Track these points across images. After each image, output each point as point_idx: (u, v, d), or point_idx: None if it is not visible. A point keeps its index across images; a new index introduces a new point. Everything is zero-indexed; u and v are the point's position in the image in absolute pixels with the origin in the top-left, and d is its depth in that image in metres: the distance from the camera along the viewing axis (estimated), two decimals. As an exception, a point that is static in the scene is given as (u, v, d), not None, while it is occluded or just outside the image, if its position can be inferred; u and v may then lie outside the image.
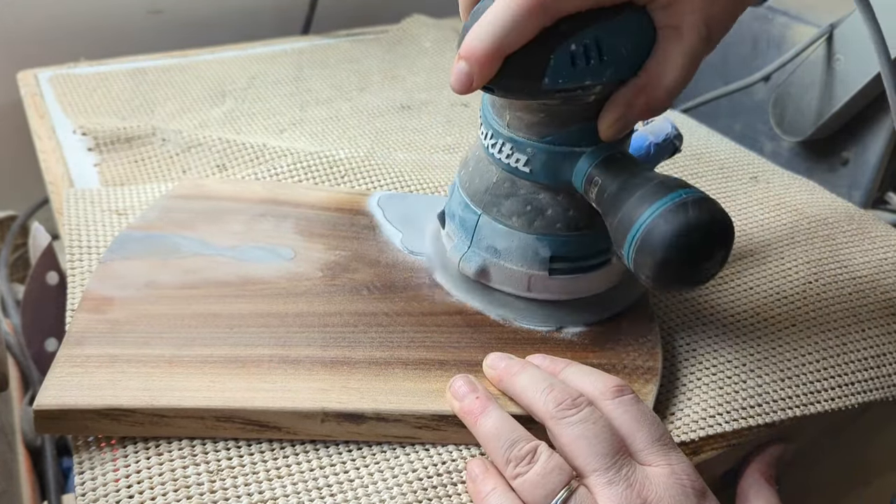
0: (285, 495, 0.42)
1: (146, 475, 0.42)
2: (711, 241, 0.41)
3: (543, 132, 0.47)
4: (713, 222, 0.41)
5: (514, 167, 0.49)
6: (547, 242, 0.50)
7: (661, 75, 0.44)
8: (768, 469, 0.49)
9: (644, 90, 0.44)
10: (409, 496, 0.43)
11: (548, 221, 0.49)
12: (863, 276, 0.60)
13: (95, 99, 0.79)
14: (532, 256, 0.50)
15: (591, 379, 0.45)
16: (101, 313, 0.49)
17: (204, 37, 1.00)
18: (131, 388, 0.44)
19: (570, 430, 0.41)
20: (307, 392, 0.45)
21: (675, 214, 0.41)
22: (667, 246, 0.40)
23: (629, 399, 0.43)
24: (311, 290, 0.52)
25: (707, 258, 0.42)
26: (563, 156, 0.47)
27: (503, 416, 0.44)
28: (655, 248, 0.41)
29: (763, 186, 0.70)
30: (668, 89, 0.44)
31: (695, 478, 0.41)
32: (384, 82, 0.87)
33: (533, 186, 0.49)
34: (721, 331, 0.54)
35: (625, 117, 0.45)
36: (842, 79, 0.78)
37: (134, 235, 0.55)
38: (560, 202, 0.49)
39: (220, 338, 0.48)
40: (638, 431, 0.42)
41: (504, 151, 0.49)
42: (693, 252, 0.41)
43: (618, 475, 0.40)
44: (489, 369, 0.47)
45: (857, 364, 0.53)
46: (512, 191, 0.50)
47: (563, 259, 0.50)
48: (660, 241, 0.41)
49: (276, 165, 0.66)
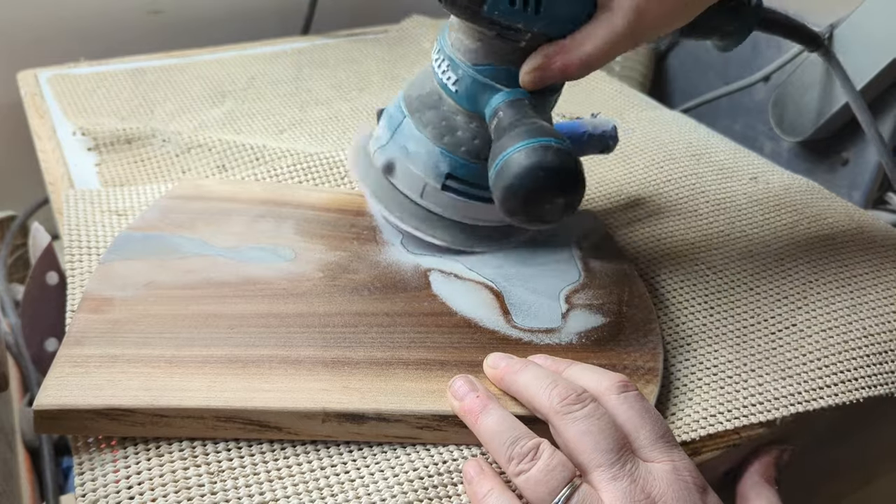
0: (286, 497, 0.42)
1: (146, 476, 0.42)
2: (553, 184, 0.45)
3: (476, 60, 0.51)
4: (561, 169, 0.45)
5: (445, 83, 0.53)
6: (448, 159, 0.54)
7: (581, 45, 0.48)
8: (768, 470, 0.49)
9: (563, 52, 0.48)
10: (409, 496, 0.43)
11: (455, 141, 0.53)
12: (864, 274, 0.60)
13: (95, 99, 0.79)
14: (433, 167, 0.54)
15: (594, 376, 0.45)
16: (101, 313, 0.49)
17: (204, 37, 1.00)
18: (131, 388, 0.44)
19: (575, 426, 0.41)
20: (308, 392, 0.45)
21: (534, 151, 0.45)
22: (515, 175, 0.45)
23: (633, 395, 0.44)
24: (311, 291, 0.52)
25: (547, 200, 0.46)
26: (486, 87, 0.51)
27: (504, 414, 0.44)
28: (507, 175, 0.45)
29: (763, 187, 0.70)
30: (583, 59, 0.48)
31: (696, 475, 0.42)
32: (384, 83, 0.87)
33: (454, 106, 0.53)
34: (721, 330, 0.54)
35: (541, 69, 0.49)
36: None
37: (134, 236, 0.55)
38: (471, 129, 0.53)
39: (220, 338, 0.48)
40: (641, 428, 0.42)
41: (441, 67, 0.53)
42: (535, 187, 0.45)
43: (622, 471, 0.40)
44: (490, 368, 0.48)
45: (859, 360, 0.53)
46: (436, 104, 0.54)
47: (457, 179, 0.54)
48: (513, 170, 0.45)
49: (276, 166, 0.66)
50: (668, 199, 0.67)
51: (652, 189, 0.69)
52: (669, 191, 0.68)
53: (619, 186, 0.69)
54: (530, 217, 0.47)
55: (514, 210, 0.46)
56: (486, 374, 0.48)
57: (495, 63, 0.50)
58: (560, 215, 0.47)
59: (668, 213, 0.66)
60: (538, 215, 0.47)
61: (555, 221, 0.47)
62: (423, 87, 0.55)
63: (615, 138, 0.60)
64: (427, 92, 0.54)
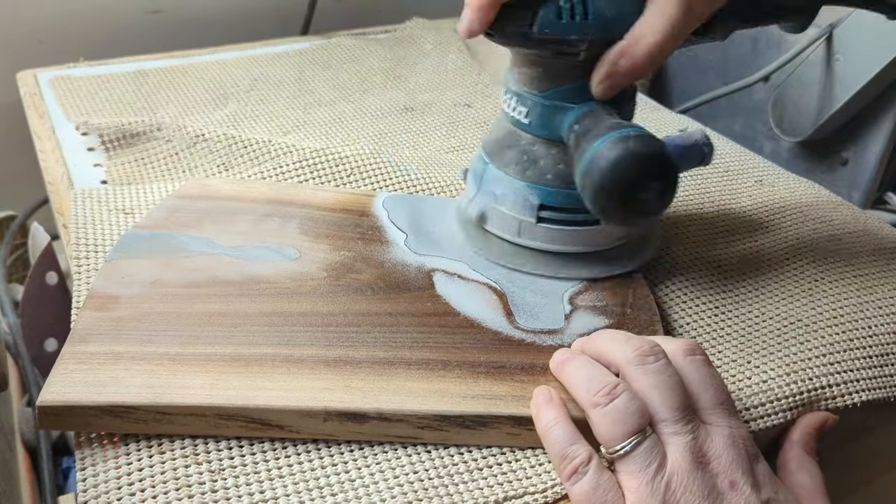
0: (286, 495, 0.42)
1: (147, 473, 0.42)
2: (644, 169, 0.44)
3: (542, 87, 0.51)
4: (648, 154, 0.44)
5: (517, 119, 0.53)
6: (537, 191, 0.53)
7: (640, 38, 0.47)
8: (809, 441, 0.50)
9: (626, 52, 0.48)
10: (409, 496, 0.43)
11: (539, 171, 0.53)
12: (870, 274, 0.60)
13: (97, 101, 0.79)
14: (523, 203, 0.54)
15: (667, 340, 0.46)
16: (106, 311, 0.49)
17: (203, 37, 1.00)
18: (135, 386, 0.44)
19: (647, 378, 0.43)
20: (310, 391, 0.45)
21: (616, 144, 0.44)
22: (602, 171, 0.44)
23: (700, 359, 0.45)
24: (315, 290, 0.52)
25: (642, 188, 0.45)
26: (557, 109, 0.51)
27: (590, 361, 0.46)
28: (594, 173, 0.44)
29: (767, 189, 0.70)
30: (647, 52, 0.47)
31: (750, 443, 0.43)
32: (387, 83, 0.87)
33: (531, 138, 0.53)
34: (725, 330, 0.54)
35: (611, 76, 0.49)
36: (841, 79, 0.78)
37: (140, 234, 0.55)
38: (553, 155, 0.53)
39: (223, 336, 0.48)
40: (704, 392, 0.44)
41: (510, 104, 0.53)
42: (626, 178, 0.44)
43: (685, 427, 0.42)
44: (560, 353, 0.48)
45: (863, 361, 0.53)
46: (514, 142, 0.54)
47: (551, 209, 0.53)
48: (598, 167, 0.44)
49: (281, 163, 0.66)
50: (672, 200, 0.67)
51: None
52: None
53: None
54: (630, 213, 0.46)
55: (611, 210, 0.46)
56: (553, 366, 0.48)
57: (561, 83, 0.50)
58: (660, 203, 0.46)
59: (672, 215, 0.66)
60: (638, 209, 0.45)
61: (657, 212, 0.47)
62: (499, 131, 0.55)
63: (710, 146, 0.58)
64: (504, 134, 0.54)
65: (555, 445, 0.43)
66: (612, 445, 0.41)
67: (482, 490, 0.44)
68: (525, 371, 0.48)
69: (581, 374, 0.45)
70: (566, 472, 0.42)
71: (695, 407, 0.43)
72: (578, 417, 0.44)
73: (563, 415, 0.44)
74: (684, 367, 0.44)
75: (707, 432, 0.42)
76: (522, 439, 0.46)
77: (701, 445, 0.41)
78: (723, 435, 0.42)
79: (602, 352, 0.46)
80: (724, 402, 0.44)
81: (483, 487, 0.44)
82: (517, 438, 0.46)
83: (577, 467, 0.42)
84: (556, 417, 0.44)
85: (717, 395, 0.44)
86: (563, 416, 0.44)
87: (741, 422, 0.44)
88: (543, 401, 0.45)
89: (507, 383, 0.47)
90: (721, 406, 0.43)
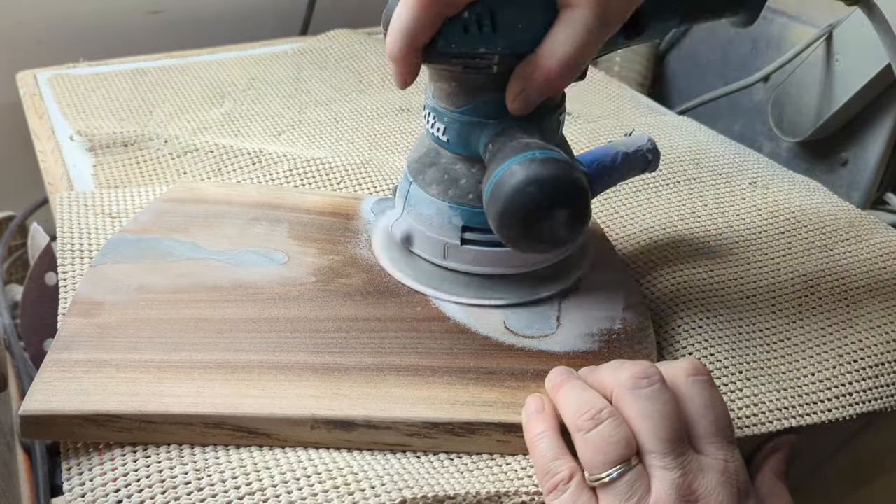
0: (273, 485, 0.42)
1: (133, 478, 0.42)
2: (548, 195, 0.41)
3: (458, 102, 0.49)
4: (551, 178, 0.41)
5: (437, 136, 0.50)
6: (459, 212, 0.51)
7: (554, 49, 0.44)
8: (780, 466, 0.49)
9: (539, 65, 0.44)
10: (399, 483, 0.43)
11: (461, 191, 0.50)
12: (861, 287, 0.59)
13: (94, 100, 0.79)
14: (447, 224, 0.51)
15: (669, 363, 0.45)
16: (91, 317, 0.48)
17: (203, 37, 1.00)
18: (119, 394, 0.44)
19: (638, 404, 0.41)
20: (297, 399, 0.45)
21: (521, 167, 0.41)
22: (504, 196, 0.41)
23: (704, 381, 0.43)
24: (303, 295, 0.52)
25: (547, 216, 0.42)
26: (474, 125, 0.48)
27: (584, 386, 0.45)
28: (497, 197, 0.42)
29: (762, 192, 0.69)
30: (561, 63, 0.44)
31: (744, 479, 0.41)
32: (383, 83, 0.86)
33: (451, 157, 0.51)
34: (717, 338, 0.54)
35: (525, 91, 0.45)
36: (841, 79, 0.78)
37: (126, 239, 0.55)
38: (474, 174, 0.50)
39: (209, 343, 0.48)
40: (704, 416, 0.42)
41: (429, 121, 0.51)
42: (529, 205, 0.41)
43: (674, 462, 0.40)
44: (556, 374, 0.47)
45: (854, 374, 0.52)
46: (435, 160, 0.52)
47: (475, 230, 0.51)
48: (502, 192, 0.42)
49: (272, 171, 0.66)
50: (665, 203, 0.67)
51: (649, 194, 0.68)
52: (667, 195, 0.68)
53: (615, 191, 0.68)
54: (535, 240, 0.43)
55: (514, 238, 0.43)
56: (547, 383, 0.47)
57: (476, 98, 0.48)
58: (570, 231, 0.43)
59: (665, 219, 0.65)
60: (543, 237, 0.43)
61: (568, 240, 0.43)
62: (420, 149, 0.53)
63: (654, 151, 0.55)
64: (424, 151, 0.52)
65: (539, 459, 0.43)
66: (595, 473, 0.40)
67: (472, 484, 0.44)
68: (515, 377, 0.48)
69: (571, 397, 0.44)
70: (547, 486, 0.42)
71: (691, 433, 0.42)
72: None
73: (551, 427, 0.43)
74: (685, 388, 0.43)
75: (700, 466, 0.40)
76: (512, 446, 0.46)
77: (690, 483, 0.40)
78: (717, 470, 0.40)
79: (599, 376, 0.45)
80: (724, 430, 0.42)
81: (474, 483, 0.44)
82: (507, 445, 0.46)
83: (556, 484, 0.41)
84: (545, 430, 0.43)
85: (717, 423, 0.42)
86: (552, 428, 0.43)
87: (738, 454, 0.42)
88: (534, 410, 0.45)
89: (497, 389, 0.47)
90: (719, 435, 0.42)
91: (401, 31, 0.44)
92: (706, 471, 0.40)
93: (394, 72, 0.46)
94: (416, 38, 0.44)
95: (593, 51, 0.45)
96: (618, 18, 0.45)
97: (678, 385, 0.43)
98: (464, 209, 0.51)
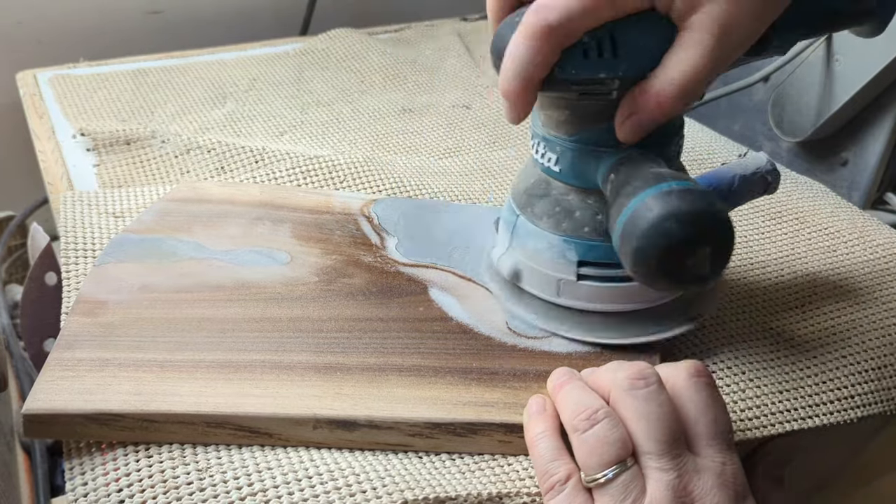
0: (275, 486, 0.42)
1: (135, 477, 0.42)
2: (690, 232, 0.38)
3: (571, 130, 0.46)
4: (694, 213, 0.38)
5: (547, 167, 0.48)
6: (574, 246, 0.48)
7: (670, 74, 0.42)
8: (774, 471, 0.49)
9: (653, 88, 0.42)
10: (401, 485, 0.43)
11: (576, 224, 0.48)
12: (863, 288, 0.59)
13: (95, 100, 0.79)
14: (560, 259, 0.48)
15: (671, 364, 0.44)
16: (94, 316, 0.49)
17: (203, 37, 1.00)
18: (122, 393, 0.44)
19: (634, 405, 0.41)
20: (299, 398, 0.45)
21: (657, 201, 0.38)
22: (642, 233, 0.38)
23: (704, 382, 0.43)
24: (306, 295, 0.52)
25: (688, 253, 0.39)
26: (589, 155, 0.46)
27: (583, 386, 0.44)
28: (633, 235, 0.39)
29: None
30: (678, 88, 0.42)
31: (741, 482, 0.41)
32: (385, 83, 0.86)
33: (564, 187, 0.48)
34: (719, 338, 0.54)
35: (636, 116, 0.43)
36: (841, 79, 0.77)
37: (130, 238, 0.55)
38: (590, 205, 0.48)
39: (212, 342, 0.48)
40: (703, 417, 0.42)
41: (539, 150, 0.48)
42: (669, 242, 0.38)
43: (670, 463, 0.40)
44: (557, 375, 0.47)
45: (857, 377, 0.52)
46: (545, 191, 0.49)
47: (591, 264, 0.48)
48: (638, 228, 0.38)
49: (275, 169, 0.66)
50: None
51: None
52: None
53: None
54: (675, 281, 0.40)
55: (653, 278, 0.40)
56: (549, 386, 0.47)
57: (591, 125, 0.45)
58: (713, 268, 0.40)
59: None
60: (684, 277, 0.39)
61: (709, 279, 0.40)
62: (528, 179, 0.50)
63: (774, 173, 0.52)
64: (533, 182, 0.50)
65: (538, 459, 0.43)
66: (590, 473, 0.40)
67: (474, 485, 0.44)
68: (518, 378, 0.48)
69: (570, 397, 0.44)
70: (544, 487, 0.42)
71: (689, 434, 0.41)
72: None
73: (551, 427, 0.44)
74: (685, 389, 0.42)
75: (696, 468, 0.40)
76: (514, 447, 0.46)
77: (686, 484, 0.39)
78: (713, 473, 0.40)
79: (597, 377, 0.45)
80: (722, 432, 0.42)
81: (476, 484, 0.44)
82: (509, 446, 0.46)
83: (553, 484, 0.41)
84: (545, 430, 0.43)
85: (716, 425, 0.42)
86: (552, 428, 0.43)
87: (736, 457, 0.42)
88: (536, 411, 0.45)
89: (500, 390, 0.47)
90: (718, 437, 0.41)
91: (517, 70, 0.41)
92: (702, 472, 0.40)
93: (506, 108, 0.43)
94: (534, 75, 0.42)
95: (711, 77, 0.42)
96: (742, 44, 0.43)
97: (678, 386, 0.43)
98: (579, 243, 0.48)
